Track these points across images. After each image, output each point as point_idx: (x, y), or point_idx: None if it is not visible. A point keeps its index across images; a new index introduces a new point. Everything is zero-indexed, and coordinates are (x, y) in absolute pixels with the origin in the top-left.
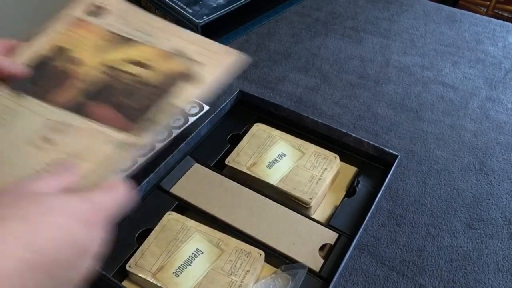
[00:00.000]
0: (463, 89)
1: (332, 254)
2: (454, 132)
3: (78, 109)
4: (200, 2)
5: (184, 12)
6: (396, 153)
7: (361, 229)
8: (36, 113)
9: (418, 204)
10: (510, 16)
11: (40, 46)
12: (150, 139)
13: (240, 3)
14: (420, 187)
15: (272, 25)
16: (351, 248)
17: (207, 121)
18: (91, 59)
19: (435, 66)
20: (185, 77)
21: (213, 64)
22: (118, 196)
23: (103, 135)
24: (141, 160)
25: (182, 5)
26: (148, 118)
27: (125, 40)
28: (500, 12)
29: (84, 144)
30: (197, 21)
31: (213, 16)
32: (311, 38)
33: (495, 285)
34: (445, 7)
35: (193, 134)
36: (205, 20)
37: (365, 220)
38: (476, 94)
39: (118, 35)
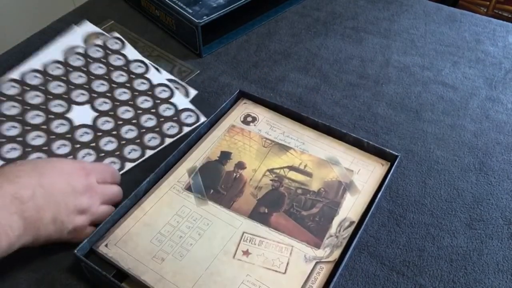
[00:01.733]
0: (463, 89)
1: None
2: (454, 132)
3: (263, 219)
4: (200, 2)
5: (184, 12)
6: (396, 153)
7: (361, 229)
8: (230, 224)
9: (418, 204)
10: (510, 16)
11: (207, 151)
12: (337, 256)
13: (240, 3)
14: (420, 187)
15: (272, 25)
16: (351, 248)
17: (207, 121)
18: (256, 165)
19: (435, 66)
20: (344, 187)
21: (367, 173)
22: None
23: (301, 253)
24: (129, 166)
25: (182, 5)
26: (332, 235)
27: (283, 147)
28: (500, 12)
29: (283, 259)
30: (197, 21)
31: (213, 16)
32: (311, 38)
33: (495, 285)
34: (445, 7)
35: (193, 135)
36: (205, 20)
37: (365, 220)
38: (476, 94)
39: (275, 141)
